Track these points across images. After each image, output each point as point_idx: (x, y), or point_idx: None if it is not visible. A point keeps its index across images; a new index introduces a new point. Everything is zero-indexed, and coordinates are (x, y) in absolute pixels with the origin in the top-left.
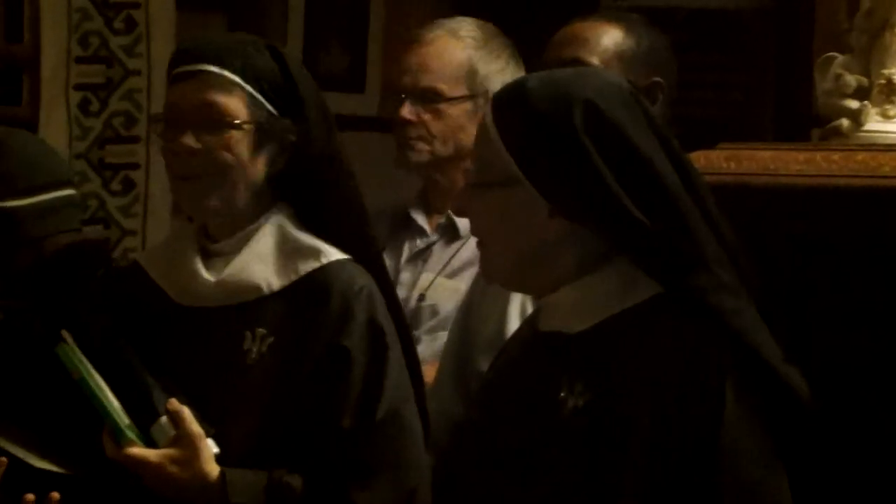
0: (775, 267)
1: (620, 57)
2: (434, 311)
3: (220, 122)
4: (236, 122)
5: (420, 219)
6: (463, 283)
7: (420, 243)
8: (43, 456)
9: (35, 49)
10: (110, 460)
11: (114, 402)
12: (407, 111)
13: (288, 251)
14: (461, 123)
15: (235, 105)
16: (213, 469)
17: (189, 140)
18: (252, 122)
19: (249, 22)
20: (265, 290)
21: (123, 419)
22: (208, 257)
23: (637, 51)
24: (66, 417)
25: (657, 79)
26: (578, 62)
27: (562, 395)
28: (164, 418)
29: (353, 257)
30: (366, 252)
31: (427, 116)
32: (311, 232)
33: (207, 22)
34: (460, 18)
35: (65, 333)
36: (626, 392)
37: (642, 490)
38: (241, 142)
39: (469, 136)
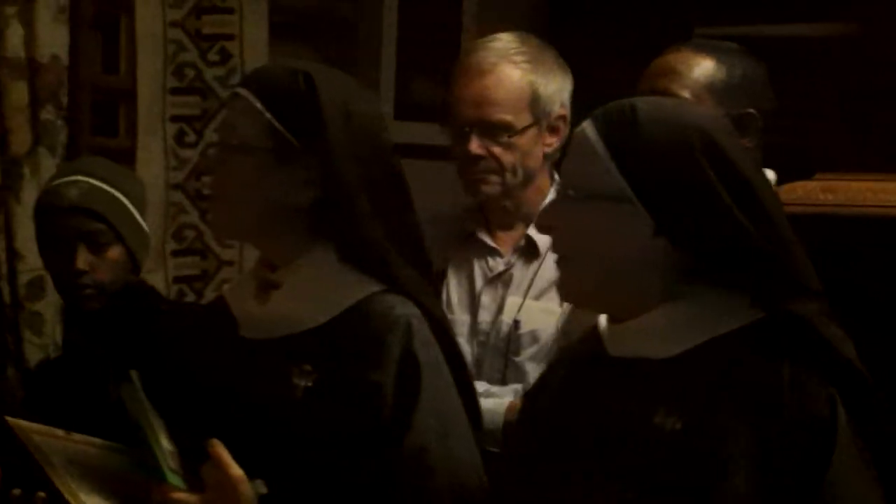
0: (873, 298)
1: (711, 89)
2: (534, 337)
3: (235, 145)
4: (244, 145)
5: (488, 239)
6: (552, 303)
7: (496, 264)
8: (92, 491)
9: (131, 80)
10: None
11: (165, 446)
12: (476, 146)
13: (332, 286)
14: (528, 150)
15: (249, 129)
16: None
17: (215, 160)
18: (266, 148)
19: (342, 53)
20: (310, 324)
21: (170, 463)
22: (266, 288)
23: (729, 82)
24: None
25: (750, 110)
26: (669, 95)
27: (656, 419)
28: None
29: (398, 289)
30: (401, 284)
31: (497, 150)
32: (355, 265)
33: (300, 53)
34: (505, 37)
35: (133, 374)
36: (729, 417)
37: None
38: (250, 165)
39: (535, 159)
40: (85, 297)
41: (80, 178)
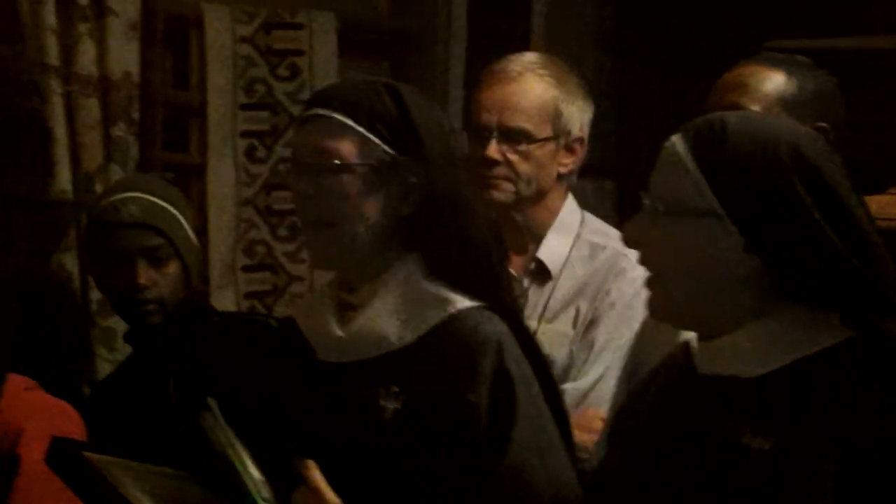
0: None
1: (782, 103)
2: (549, 361)
3: (331, 165)
4: (347, 164)
5: None
6: (563, 325)
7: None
8: None
9: (202, 96)
10: None
11: (254, 474)
12: (494, 150)
13: (416, 302)
14: (544, 164)
15: (347, 148)
16: None
17: (304, 185)
18: (364, 165)
19: (412, 68)
20: (396, 343)
21: (262, 492)
22: (344, 310)
23: (799, 96)
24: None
25: (822, 124)
26: (739, 109)
27: (745, 439)
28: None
29: (485, 303)
30: (498, 297)
31: (514, 157)
32: (441, 279)
33: (370, 68)
34: (533, 54)
35: (211, 402)
36: (817, 439)
37: None
38: (353, 185)
39: (549, 175)
40: (147, 313)
41: (137, 194)
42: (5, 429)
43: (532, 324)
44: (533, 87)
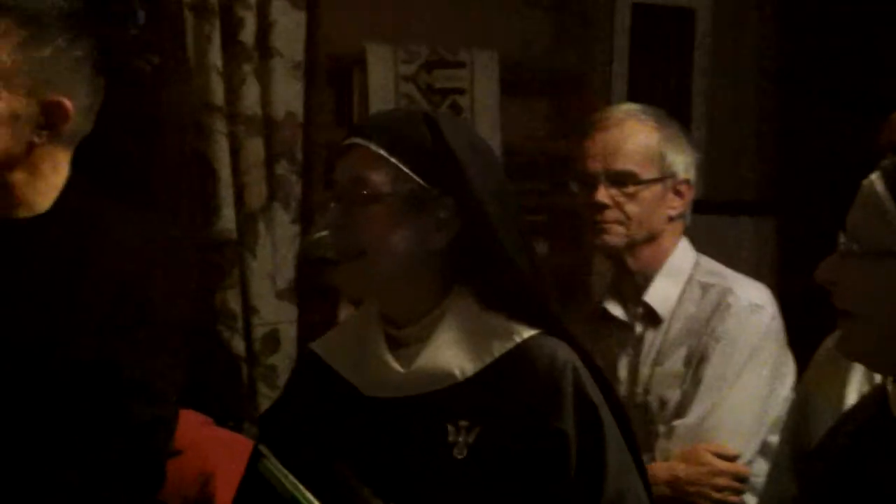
0: None
1: None
2: (662, 402)
3: (362, 195)
4: (377, 194)
5: (617, 311)
6: (676, 366)
7: (626, 337)
8: None
9: None
10: None
11: None
12: (602, 195)
13: (477, 333)
14: (653, 206)
15: (379, 178)
16: None
17: (336, 214)
18: (395, 195)
19: (573, 109)
20: (459, 376)
21: None
22: (395, 345)
23: None
24: None
25: None
26: None
27: None
28: None
29: (550, 329)
30: (557, 324)
31: (623, 199)
32: (497, 310)
33: (532, 106)
34: (633, 104)
35: (263, 448)
36: None
37: None
38: (384, 215)
39: (658, 217)
40: None
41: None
42: (193, 471)
43: (644, 369)
44: (636, 131)
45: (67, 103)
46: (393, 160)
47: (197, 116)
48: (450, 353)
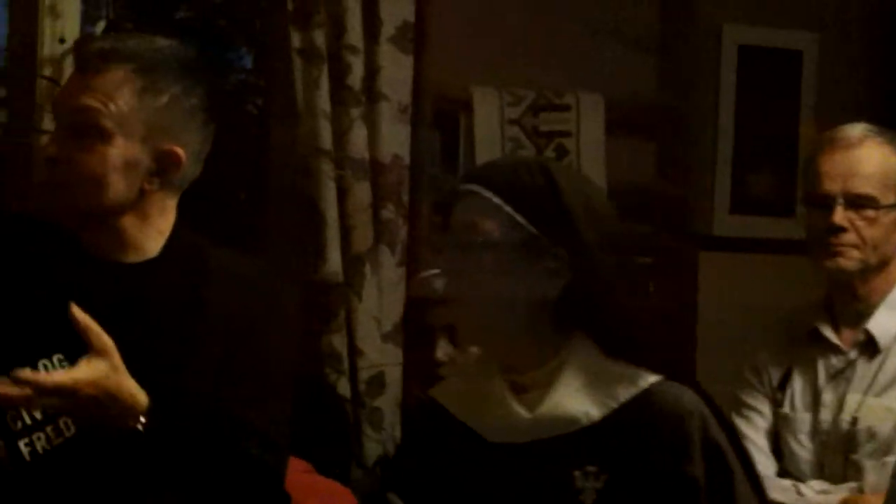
0: None
1: None
2: (871, 434)
3: (479, 243)
4: (488, 241)
5: (830, 334)
6: (891, 400)
7: (837, 362)
8: None
9: None
10: None
11: None
12: (840, 217)
13: (601, 379)
14: (889, 231)
15: (491, 225)
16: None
17: (452, 262)
18: (508, 244)
19: (678, 147)
20: (584, 421)
21: None
22: (518, 391)
23: None
24: None
25: None
26: None
27: None
28: None
29: (672, 375)
30: (678, 369)
31: (861, 223)
32: (618, 357)
33: (637, 147)
34: (866, 124)
35: (392, 497)
36: None
37: None
38: (499, 262)
39: (892, 243)
40: None
41: None
42: None
43: (857, 396)
44: (876, 153)
45: (180, 151)
46: (507, 209)
47: (305, 160)
48: (575, 399)
